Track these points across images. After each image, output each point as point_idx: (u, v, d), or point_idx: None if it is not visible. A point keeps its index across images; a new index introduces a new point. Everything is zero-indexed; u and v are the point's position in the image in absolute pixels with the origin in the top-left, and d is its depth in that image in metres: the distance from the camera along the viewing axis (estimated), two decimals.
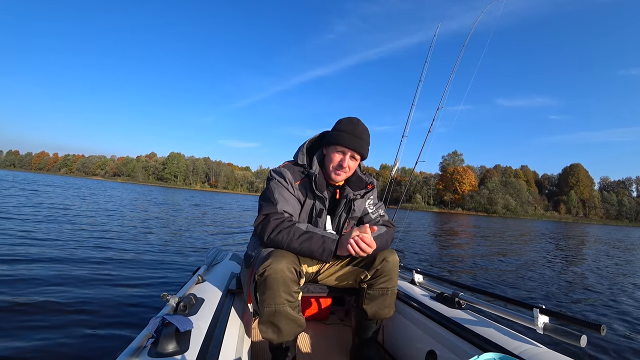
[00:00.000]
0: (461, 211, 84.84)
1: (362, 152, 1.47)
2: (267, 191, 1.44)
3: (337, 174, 1.48)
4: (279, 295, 1.22)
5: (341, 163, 1.45)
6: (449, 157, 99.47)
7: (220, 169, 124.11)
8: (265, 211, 1.37)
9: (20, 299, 2.74)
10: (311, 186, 1.45)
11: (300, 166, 1.50)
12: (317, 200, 1.47)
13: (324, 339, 1.80)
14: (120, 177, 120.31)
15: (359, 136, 1.45)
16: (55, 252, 4.48)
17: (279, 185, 1.43)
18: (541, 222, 52.16)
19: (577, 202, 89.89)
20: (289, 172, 1.45)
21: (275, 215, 1.34)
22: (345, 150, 1.44)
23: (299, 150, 1.56)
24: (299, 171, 1.48)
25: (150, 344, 0.99)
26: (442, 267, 6.58)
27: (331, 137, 1.48)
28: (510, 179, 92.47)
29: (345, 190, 1.54)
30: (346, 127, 1.46)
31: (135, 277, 3.70)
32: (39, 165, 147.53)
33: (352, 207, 1.55)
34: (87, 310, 2.67)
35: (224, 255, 2.22)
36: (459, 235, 15.35)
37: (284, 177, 1.43)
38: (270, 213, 1.35)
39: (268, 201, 1.40)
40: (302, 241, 1.29)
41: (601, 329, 1.09)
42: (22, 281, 3.17)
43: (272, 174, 1.48)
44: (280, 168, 1.49)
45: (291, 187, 1.44)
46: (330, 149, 1.48)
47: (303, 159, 1.52)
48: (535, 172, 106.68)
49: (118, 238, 6.21)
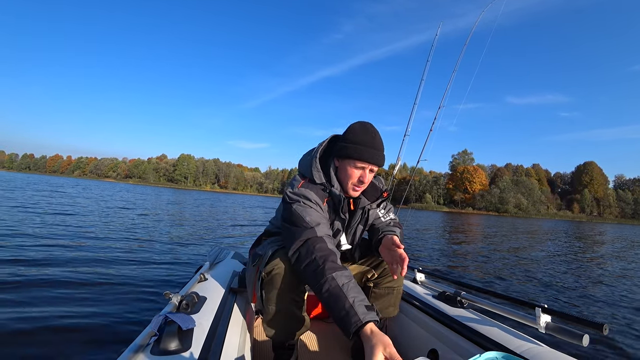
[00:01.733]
0: (472, 211, 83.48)
1: (382, 164, 1.35)
2: (294, 217, 1.23)
3: (356, 190, 1.36)
4: (285, 295, 1.22)
5: (362, 179, 1.32)
6: (458, 156, 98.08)
7: (229, 170, 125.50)
8: (306, 235, 1.17)
9: (20, 299, 2.75)
10: (335, 207, 1.34)
11: (319, 185, 1.33)
12: (336, 220, 1.37)
13: (326, 338, 1.80)
14: (132, 179, 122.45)
15: (378, 148, 1.32)
16: (56, 251, 4.51)
17: (306, 206, 1.25)
18: (554, 222, 51.04)
19: (591, 200, 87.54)
20: (313, 193, 1.28)
21: (319, 242, 1.15)
22: (365, 165, 1.31)
23: (311, 166, 1.36)
24: (320, 189, 1.32)
25: (153, 341, 0.99)
26: (446, 266, 6.52)
27: (348, 150, 1.31)
28: (521, 178, 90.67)
29: (361, 200, 1.42)
30: (364, 139, 1.30)
31: (138, 275, 3.72)
32: (53, 167, 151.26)
33: (368, 218, 1.47)
34: (89, 307, 2.68)
35: (227, 253, 2.23)
36: (465, 234, 15.15)
37: (309, 198, 1.26)
38: (311, 238, 1.16)
39: (302, 226, 1.20)
40: (327, 297, 1.06)
41: (604, 328, 1.08)
42: (23, 280, 3.19)
43: (292, 196, 1.28)
44: (300, 189, 1.29)
45: (319, 208, 1.28)
46: (348, 163, 1.32)
47: (321, 177, 1.34)
48: (547, 171, 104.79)
49: (120, 237, 6.27)
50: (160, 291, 2.97)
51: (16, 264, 3.70)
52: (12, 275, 3.28)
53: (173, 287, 3.32)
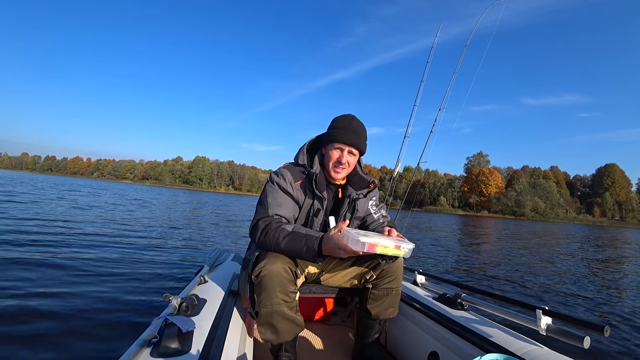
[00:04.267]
0: (487, 214, 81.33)
1: (359, 146, 1.47)
2: (262, 195, 1.45)
3: (337, 172, 1.48)
4: (275, 296, 1.24)
5: (340, 159, 1.45)
6: (474, 158, 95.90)
7: (244, 172, 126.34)
8: (258, 216, 1.37)
9: (20, 298, 2.77)
10: (311, 186, 1.44)
11: (301, 166, 1.50)
12: (315, 200, 1.47)
13: (326, 340, 1.81)
14: (148, 180, 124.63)
15: (355, 131, 1.46)
16: (56, 251, 4.56)
17: (274, 188, 1.43)
18: (573, 226, 49.13)
19: (612, 204, 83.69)
20: (289, 173, 1.45)
21: (265, 219, 1.35)
22: (343, 146, 1.44)
23: (299, 151, 1.56)
24: (299, 171, 1.48)
25: (153, 344, 1.01)
26: (453, 269, 6.40)
27: (328, 135, 1.49)
28: (539, 181, 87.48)
29: (348, 189, 1.55)
30: (341, 124, 1.47)
31: (138, 277, 3.72)
32: (74, 169, 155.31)
33: (356, 207, 1.55)
34: (89, 309, 2.68)
35: (226, 256, 2.25)
36: (476, 238, 14.85)
37: (284, 177, 1.43)
38: (261, 217, 1.36)
39: (262, 205, 1.41)
40: (287, 242, 1.27)
41: (604, 330, 1.07)
42: (25, 279, 3.22)
43: (271, 176, 1.48)
44: (280, 169, 1.49)
45: (291, 187, 1.43)
46: (328, 147, 1.48)
47: (304, 159, 1.52)
48: (566, 173, 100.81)
49: (120, 237, 6.32)
50: (160, 293, 2.96)
51: (15, 264, 3.71)
52: (11, 276, 3.28)
53: (173, 290, 3.27)
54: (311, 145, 1.59)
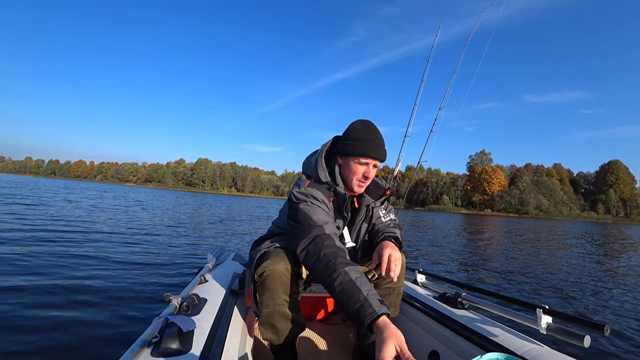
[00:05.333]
0: (491, 212, 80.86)
1: (384, 159, 1.38)
2: (300, 216, 1.24)
3: (361, 186, 1.38)
4: (277, 296, 1.24)
5: (366, 175, 1.35)
6: (476, 156, 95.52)
7: (246, 174, 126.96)
8: (314, 232, 1.18)
9: (20, 297, 2.78)
10: (339, 206, 1.36)
11: (325, 183, 1.36)
12: (338, 219, 1.39)
13: (326, 339, 1.81)
14: (151, 183, 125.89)
15: (380, 144, 1.35)
16: (55, 251, 4.58)
17: (313, 205, 1.27)
18: (577, 223, 48.57)
19: (616, 201, 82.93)
20: (320, 192, 1.31)
21: (328, 240, 1.17)
22: (370, 160, 1.33)
23: (317, 165, 1.38)
24: (325, 189, 1.34)
25: (154, 343, 1.00)
26: (453, 269, 6.38)
27: (350, 147, 1.33)
28: (542, 178, 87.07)
29: (365, 198, 1.45)
30: (366, 136, 1.33)
31: (138, 276, 3.73)
32: (77, 172, 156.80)
33: (372, 216, 1.49)
34: (89, 308, 2.69)
35: (227, 255, 2.25)
36: (480, 238, 14.79)
37: (316, 197, 1.28)
38: (320, 235, 1.17)
39: (309, 224, 1.21)
40: (341, 290, 1.07)
41: (605, 329, 1.06)
42: (26, 275, 3.27)
43: (299, 196, 1.29)
44: (307, 189, 1.32)
45: (326, 207, 1.30)
46: (351, 160, 1.34)
47: (326, 176, 1.37)
48: (569, 171, 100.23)
49: (119, 237, 6.35)
50: (161, 293, 2.98)
51: (13, 265, 3.72)
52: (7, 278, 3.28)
53: (173, 289, 3.32)
54: (325, 156, 1.44)
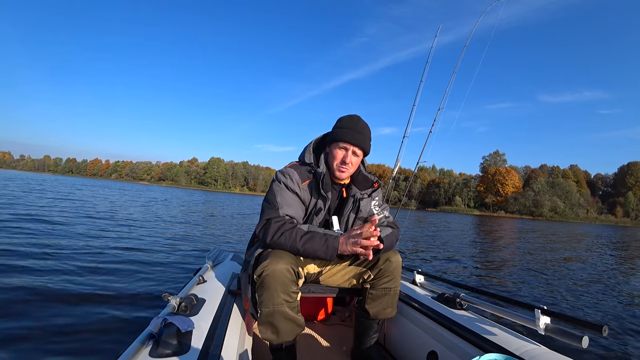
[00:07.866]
0: (504, 214, 78.59)
1: (363, 147, 1.48)
2: (269, 194, 1.44)
3: (341, 171, 1.48)
4: (277, 296, 1.24)
5: (344, 159, 1.46)
6: (490, 157, 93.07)
7: (258, 173, 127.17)
8: (267, 215, 1.36)
9: (18, 298, 2.75)
10: (317, 186, 1.44)
11: (308, 165, 1.51)
12: (319, 199, 1.47)
13: (325, 340, 1.81)
14: (165, 181, 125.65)
15: (360, 131, 1.47)
16: (55, 251, 4.52)
17: (282, 187, 1.43)
18: (594, 226, 47.93)
19: (636, 204, 79.57)
20: (296, 173, 1.45)
21: (277, 219, 1.35)
22: (347, 146, 1.46)
23: (305, 150, 1.56)
24: (306, 170, 1.48)
25: (152, 344, 1.00)
26: (454, 270, 6.39)
27: (333, 134, 1.50)
28: (558, 180, 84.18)
29: (352, 189, 1.55)
30: (347, 124, 1.48)
31: (137, 277, 3.72)
32: (93, 171, 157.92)
33: (359, 207, 1.54)
34: (86, 309, 2.67)
35: (226, 255, 2.24)
36: (489, 240, 14.63)
37: (291, 177, 1.44)
38: (272, 217, 1.35)
39: (270, 205, 1.40)
40: (305, 242, 1.29)
41: (603, 329, 1.07)
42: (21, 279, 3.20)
43: (277, 176, 1.47)
44: (286, 168, 1.48)
45: (298, 187, 1.43)
46: (333, 146, 1.49)
47: (310, 158, 1.53)
48: (586, 172, 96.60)
49: (121, 238, 6.29)
50: (159, 293, 2.97)
51: (11, 267, 3.66)
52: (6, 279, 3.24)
53: (172, 289, 3.31)
54: (317, 144, 1.61)
